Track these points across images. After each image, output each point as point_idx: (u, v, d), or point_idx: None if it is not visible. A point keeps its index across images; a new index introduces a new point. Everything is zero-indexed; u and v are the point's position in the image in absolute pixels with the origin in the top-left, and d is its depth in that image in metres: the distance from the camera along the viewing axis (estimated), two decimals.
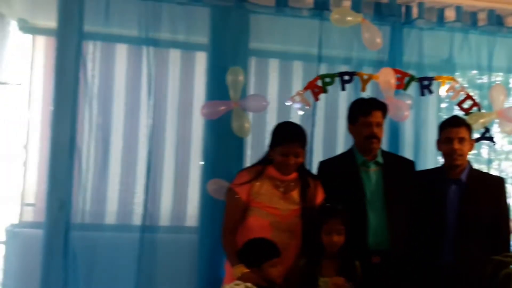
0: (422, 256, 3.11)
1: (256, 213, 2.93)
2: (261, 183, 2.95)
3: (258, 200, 2.92)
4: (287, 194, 2.97)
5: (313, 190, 3.03)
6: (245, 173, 3.01)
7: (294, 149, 2.91)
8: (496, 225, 3.14)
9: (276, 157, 2.94)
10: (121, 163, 3.77)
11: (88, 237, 3.61)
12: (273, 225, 2.90)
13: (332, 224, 2.82)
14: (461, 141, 3.15)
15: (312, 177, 3.11)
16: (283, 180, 2.99)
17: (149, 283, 3.60)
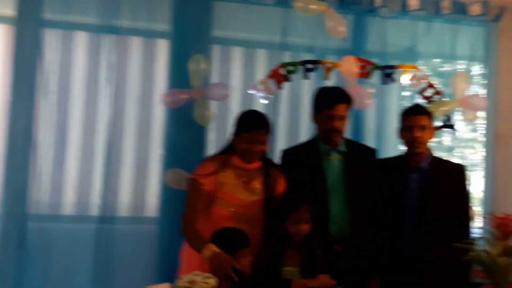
0: (384, 244, 3.13)
1: (219, 203, 2.90)
2: (225, 173, 2.92)
3: (223, 190, 2.90)
4: (249, 184, 2.95)
5: (274, 180, 3.02)
6: (209, 163, 2.96)
7: (259, 137, 2.89)
8: (457, 212, 3.17)
9: (240, 145, 2.92)
10: (79, 153, 3.71)
11: (45, 228, 3.55)
12: (235, 216, 2.89)
13: (300, 213, 2.81)
14: (422, 129, 3.17)
15: (274, 167, 3.09)
16: (246, 169, 2.96)
17: (107, 274, 3.56)
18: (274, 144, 3.78)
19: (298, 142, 3.52)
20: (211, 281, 2.23)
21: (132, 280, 3.50)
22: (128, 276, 3.56)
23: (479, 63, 4.36)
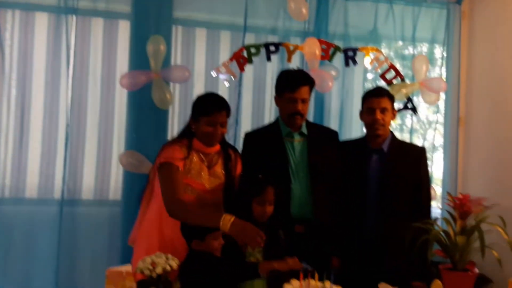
0: (345, 225, 3.16)
1: (184, 189, 2.83)
2: (190, 160, 2.87)
3: (188, 176, 2.85)
4: (211, 169, 2.93)
5: (234, 163, 3.01)
6: (176, 147, 2.86)
7: (221, 119, 2.85)
8: (417, 193, 3.21)
9: (201, 128, 2.87)
10: (41, 136, 3.64)
11: (7, 211, 3.48)
12: (199, 200, 2.86)
13: (265, 195, 2.82)
14: (383, 111, 3.19)
15: (232, 149, 3.08)
16: (207, 153, 2.93)
17: (71, 256, 3.53)
18: (237, 127, 3.78)
19: (261, 125, 3.50)
20: (173, 263, 2.22)
21: (96, 262, 3.47)
22: (92, 258, 3.54)
23: (440, 45, 4.39)
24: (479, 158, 4.15)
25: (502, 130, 3.89)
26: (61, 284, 3.49)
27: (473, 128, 4.26)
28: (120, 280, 2.07)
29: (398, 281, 2.83)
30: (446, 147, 4.36)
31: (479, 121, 4.20)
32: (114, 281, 2.07)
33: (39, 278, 3.50)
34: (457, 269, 2.62)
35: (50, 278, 3.48)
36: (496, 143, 3.97)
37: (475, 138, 4.23)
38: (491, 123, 4.05)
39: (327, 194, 3.13)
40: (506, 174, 3.79)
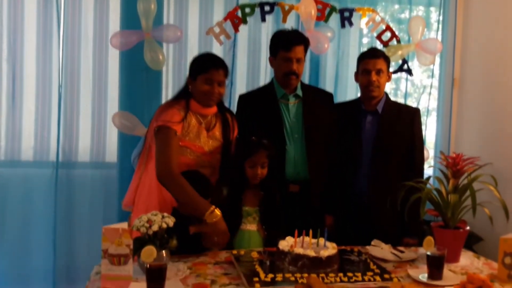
0: (339, 184, 3.19)
1: (183, 152, 2.82)
2: (188, 122, 2.84)
3: (186, 138, 2.83)
4: (210, 132, 2.91)
5: (231, 126, 3.00)
6: (174, 110, 2.81)
7: (218, 77, 2.83)
8: (410, 154, 3.23)
9: (198, 87, 2.83)
10: (34, 98, 3.60)
11: (4, 174, 3.49)
12: (197, 163, 2.86)
13: (256, 158, 2.84)
14: (378, 73, 3.19)
15: (228, 112, 3.07)
16: (204, 115, 2.91)
17: (67, 217, 3.54)
18: (232, 89, 3.76)
19: (256, 87, 3.48)
20: (169, 220, 2.24)
21: (92, 222, 3.49)
22: (88, 219, 3.55)
23: (437, 8, 4.35)
24: (473, 119, 4.17)
25: (496, 91, 3.90)
26: (58, 245, 3.52)
27: (467, 89, 4.26)
28: (116, 237, 2.09)
29: (391, 238, 2.88)
30: (439, 108, 4.37)
31: (473, 83, 4.20)
32: (110, 238, 2.09)
33: (36, 240, 3.53)
34: (449, 227, 2.67)
35: (48, 239, 3.51)
36: (489, 104, 3.98)
37: (469, 99, 4.23)
38: (485, 85, 4.06)
39: (321, 155, 3.16)
40: (499, 135, 3.82)
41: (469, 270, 2.48)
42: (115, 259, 2.09)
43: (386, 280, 2.23)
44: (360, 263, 2.46)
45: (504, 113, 3.79)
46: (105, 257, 2.09)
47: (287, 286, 2.12)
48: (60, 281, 3.51)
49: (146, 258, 2.01)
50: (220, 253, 2.63)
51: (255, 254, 2.53)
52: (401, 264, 2.56)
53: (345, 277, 2.23)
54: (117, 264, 2.09)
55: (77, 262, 3.50)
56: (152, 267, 1.99)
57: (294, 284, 2.07)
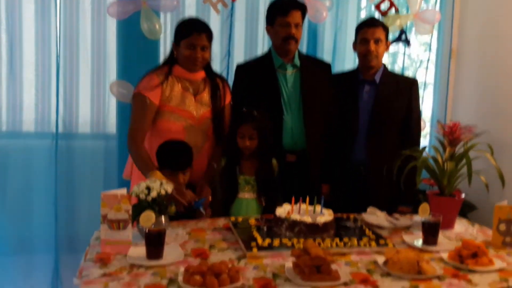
0: (336, 154, 3.21)
1: (168, 117, 2.87)
2: (171, 87, 2.88)
3: (169, 103, 2.87)
4: (198, 96, 2.94)
5: (222, 91, 3.02)
6: (153, 76, 2.88)
7: (201, 42, 2.84)
8: (407, 123, 3.25)
9: (182, 52, 2.86)
10: (34, 69, 3.57)
11: (5, 145, 3.51)
12: (187, 129, 2.89)
13: (245, 129, 2.87)
14: (377, 42, 3.18)
15: (219, 77, 3.08)
16: (192, 80, 2.94)
17: (68, 187, 3.56)
18: (230, 59, 3.75)
19: (253, 57, 3.47)
20: (168, 187, 2.26)
21: (92, 192, 3.51)
22: (89, 188, 3.57)
23: None
24: (470, 90, 4.17)
25: (494, 62, 3.89)
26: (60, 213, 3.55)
27: (465, 60, 4.25)
28: (115, 202, 2.11)
29: (386, 207, 2.92)
30: (436, 80, 4.36)
31: (471, 53, 4.19)
32: (109, 204, 2.11)
33: (38, 209, 3.55)
34: (444, 195, 2.70)
35: (49, 208, 3.54)
36: (487, 74, 3.98)
37: (466, 70, 4.23)
38: (483, 55, 4.04)
39: (319, 124, 3.17)
40: (496, 104, 3.82)
41: (463, 237, 2.52)
42: (114, 224, 2.12)
43: (381, 245, 2.27)
44: (356, 230, 2.50)
45: (501, 84, 3.79)
46: (104, 222, 2.12)
47: (284, 251, 2.16)
48: (62, 249, 3.55)
49: (144, 223, 2.04)
50: (218, 219, 2.67)
51: (252, 221, 2.56)
52: (396, 230, 2.60)
53: (341, 243, 2.26)
54: (116, 229, 2.12)
55: (79, 230, 3.53)
56: (151, 232, 2.02)
57: (291, 249, 2.10)
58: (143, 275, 1.90)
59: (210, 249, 2.22)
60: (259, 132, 2.86)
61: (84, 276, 1.89)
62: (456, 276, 1.99)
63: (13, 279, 3.51)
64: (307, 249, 1.92)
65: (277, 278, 1.91)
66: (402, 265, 1.96)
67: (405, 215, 2.86)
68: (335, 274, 1.87)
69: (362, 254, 2.20)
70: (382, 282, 1.90)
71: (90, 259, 2.06)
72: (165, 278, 1.87)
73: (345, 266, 2.05)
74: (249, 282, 1.85)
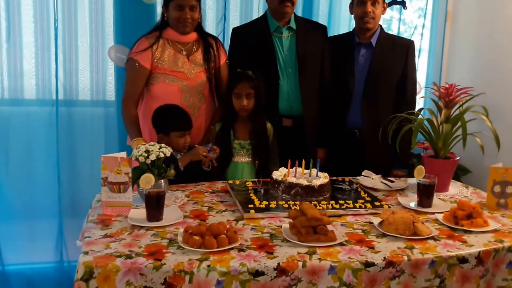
0: (331, 117, 3.23)
1: (163, 79, 2.91)
2: (162, 49, 2.91)
3: (162, 66, 2.90)
4: (191, 56, 2.96)
5: (215, 50, 3.03)
6: (143, 40, 2.92)
7: (189, 2, 2.85)
8: (402, 86, 3.25)
9: (171, 13, 2.87)
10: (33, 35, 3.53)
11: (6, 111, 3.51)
12: (182, 89, 2.93)
13: (241, 88, 2.88)
14: (374, 4, 3.16)
15: (211, 37, 3.09)
16: (184, 42, 2.95)
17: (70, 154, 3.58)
18: (226, 23, 3.72)
19: (249, 21, 3.45)
20: (166, 150, 2.29)
21: (94, 158, 3.55)
22: (90, 154, 3.60)
23: None
24: (465, 53, 4.16)
25: (490, 24, 3.87)
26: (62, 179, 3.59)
27: (460, 23, 4.22)
28: (115, 165, 2.13)
29: (382, 170, 2.95)
30: (432, 44, 4.34)
31: (467, 16, 4.16)
32: (109, 166, 2.13)
33: (40, 175, 3.58)
34: (439, 157, 2.73)
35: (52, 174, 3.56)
36: (482, 37, 3.96)
37: (462, 33, 4.20)
38: (478, 18, 4.02)
39: (315, 89, 3.18)
40: (492, 67, 3.82)
41: (458, 199, 2.55)
42: (114, 187, 2.15)
43: (377, 207, 2.31)
44: (351, 192, 2.54)
45: (497, 47, 3.78)
46: (104, 185, 2.15)
47: (280, 212, 2.20)
48: (65, 213, 3.59)
49: (144, 185, 2.07)
50: (216, 183, 2.71)
51: (249, 184, 2.60)
52: (391, 193, 2.64)
53: (336, 204, 2.31)
54: (116, 191, 2.16)
55: (81, 194, 3.57)
56: (150, 194, 2.06)
57: (287, 210, 2.15)
58: (143, 236, 1.94)
59: (209, 211, 2.26)
60: (255, 91, 2.88)
61: (86, 237, 1.92)
62: (451, 237, 2.02)
63: (18, 244, 3.56)
64: (304, 210, 1.96)
65: (274, 238, 1.95)
66: (397, 225, 2.00)
67: (400, 178, 2.90)
68: (331, 234, 1.91)
69: (357, 215, 2.25)
70: (378, 242, 1.94)
71: (92, 220, 2.10)
72: (165, 238, 1.91)
73: (341, 227, 2.09)
74: (247, 243, 1.90)
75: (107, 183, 2.15)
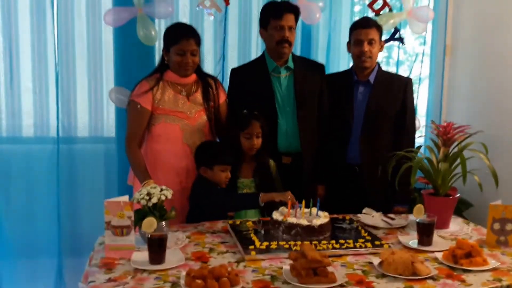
0: (330, 155, 3.26)
1: (164, 120, 2.96)
2: (162, 90, 2.96)
3: (163, 106, 2.95)
4: (191, 97, 3.02)
5: (214, 90, 3.09)
6: (143, 82, 2.98)
7: (190, 47, 2.91)
8: (401, 123, 3.27)
9: (172, 58, 2.94)
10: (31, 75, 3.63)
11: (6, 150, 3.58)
12: (183, 129, 2.98)
13: (251, 129, 2.94)
14: (370, 43, 3.20)
15: (210, 77, 3.15)
16: (183, 84, 3.01)
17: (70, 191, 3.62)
18: (224, 63, 3.80)
19: (247, 61, 3.51)
20: (168, 193, 2.32)
21: (94, 195, 3.58)
22: (90, 191, 3.63)
23: None
24: (464, 87, 4.20)
25: (488, 58, 3.92)
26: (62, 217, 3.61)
27: (459, 56, 4.28)
28: (118, 209, 2.17)
29: (382, 206, 2.97)
30: (431, 76, 4.39)
31: (465, 50, 4.22)
32: (112, 211, 2.17)
33: (40, 213, 3.61)
34: (439, 195, 2.74)
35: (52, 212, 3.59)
36: (481, 71, 4.01)
37: (461, 66, 4.26)
38: (477, 52, 4.07)
39: (313, 127, 3.22)
40: (490, 104, 3.86)
41: (458, 236, 2.56)
42: (117, 230, 2.19)
43: (377, 246, 2.32)
44: (352, 231, 2.55)
45: (495, 81, 3.82)
46: (108, 228, 2.19)
47: (281, 253, 2.21)
48: (65, 252, 3.61)
49: (147, 229, 2.10)
50: (217, 222, 2.73)
51: (250, 224, 2.62)
52: (391, 231, 2.65)
53: (337, 244, 2.31)
54: (119, 235, 2.19)
55: (81, 233, 3.60)
56: (153, 237, 2.08)
57: (288, 251, 2.16)
58: (146, 279, 1.96)
59: (210, 253, 2.27)
60: (262, 130, 2.94)
61: (90, 281, 1.94)
62: (450, 276, 2.04)
63: (18, 283, 3.57)
64: (304, 252, 1.97)
65: (275, 280, 1.97)
66: (397, 266, 2.02)
67: (401, 215, 2.91)
68: (332, 276, 1.93)
69: (358, 255, 2.26)
70: (377, 283, 1.96)
71: (95, 264, 2.12)
72: (168, 282, 1.93)
73: (341, 268, 2.10)
74: (248, 285, 1.91)
75: (110, 227, 2.18)
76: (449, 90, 4.38)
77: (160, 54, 3.02)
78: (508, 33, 3.72)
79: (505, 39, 3.74)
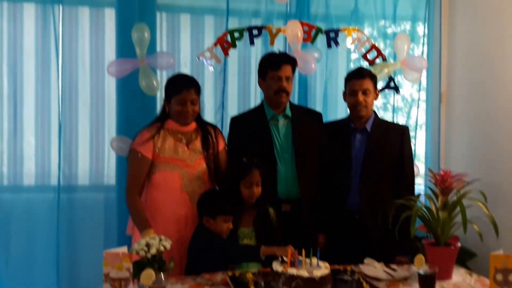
0: (330, 203, 3.25)
1: (163, 168, 2.98)
2: (163, 139, 2.99)
3: (163, 155, 2.98)
4: (190, 144, 3.04)
5: (214, 137, 3.12)
6: (144, 131, 3.01)
7: (190, 96, 2.96)
8: (400, 171, 3.28)
9: (173, 108, 2.99)
10: (34, 124, 3.71)
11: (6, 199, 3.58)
12: (183, 176, 2.99)
13: (251, 177, 2.94)
14: (365, 93, 3.25)
15: (210, 125, 3.19)
16: (184, 132, 3.05)
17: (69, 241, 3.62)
18: (224, 112, 3.84)
19: (247, 109, 3.55)
20: (167, 244, 2.30)
21: (93, 244, 3.56)
22: (89, 241, 3.62)
23: (422, 23, 4.42)
24: (461, 135, 4.24)
25: (484, 106, 3.97)
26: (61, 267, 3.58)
27: (455, 104, 4.33)
28: (117, 261, 2.15)
29: (384, 256, 2.94)
30: (428, 124, 4.43)
31: (460, 98, 4.27)
32: (111, 262, 2.15)
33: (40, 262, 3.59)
34: (440, 244, 2.72)
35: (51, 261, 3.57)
36: (477, 119, 4.05)
37: (457, 114, 4.30)
38: (472, 99, 4.12)
39: (312, 174, 3.23)
40: (488, 150, 3.88)
41: (461, 287, 2.53)
42: (116, 282, 2.16)
43: None
44: (353, 283, 2.51)
45: (491, 127, 3.85)
46: (106, 281, 2.16)
47: None
48: None
49: (145, 281, 2.08)
50: (216, 274, 2.68)
51: (250, 275, 2.58)
52: (394, 282, 2.60)
53: None
54: (118, 287, 2.15)
55: (80, 283, 3.59)
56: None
57: None
58: None
59: None
60: (262, 177, 2.94)
61: None
62: None
63: None
64: None
65: None
66: None
67: (403, 266, 2.87)
68: None
69: None
70: None
71: None
72: None
73: None
74: None
75: (108, 279, 2.16)
76: (447, 136, 4.42)
77: (162, 103, 3.06)
78: (502, 78, 3.77)
79: (500, 85, 3.79)
